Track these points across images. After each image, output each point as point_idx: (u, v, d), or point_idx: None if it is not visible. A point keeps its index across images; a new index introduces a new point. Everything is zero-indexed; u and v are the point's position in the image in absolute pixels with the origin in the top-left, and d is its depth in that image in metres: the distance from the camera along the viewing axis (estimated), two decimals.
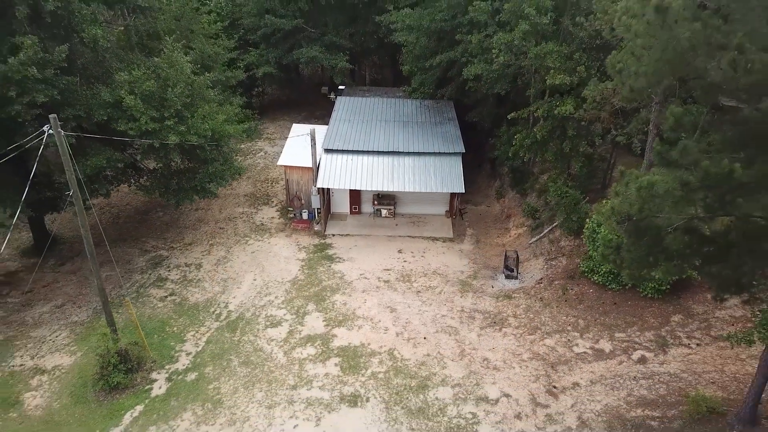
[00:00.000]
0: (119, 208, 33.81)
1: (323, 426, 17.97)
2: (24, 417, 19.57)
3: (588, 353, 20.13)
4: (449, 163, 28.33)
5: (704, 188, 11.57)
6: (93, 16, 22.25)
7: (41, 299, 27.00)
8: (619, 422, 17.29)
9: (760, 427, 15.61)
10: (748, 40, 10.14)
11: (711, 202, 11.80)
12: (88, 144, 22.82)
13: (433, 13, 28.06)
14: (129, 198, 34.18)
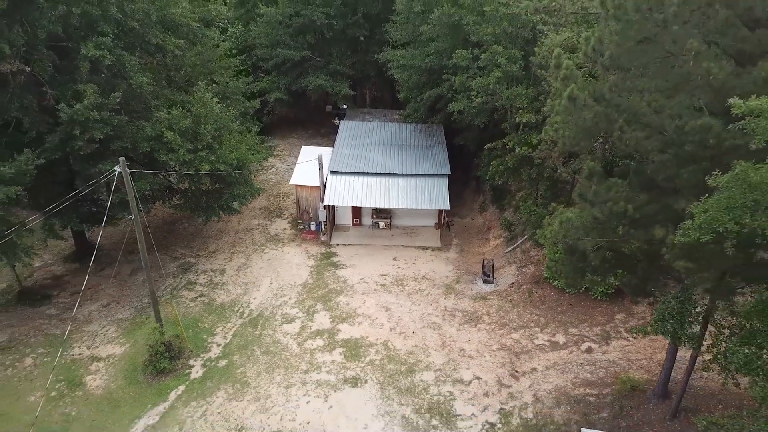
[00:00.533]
0: (149, 219, 38.17)
1: (330, 402, 22.41)
2: (88, 395, 24.04)
3: (545, 345, 24.55)
4: (437, 183, 32.81)
5: (608, 222, 15.99)
6: (139, 65, 26.72)
7: (88, 299, 31.45)
8: (564, 398, 21.72)
9: (669, 400, 20.00)
10: (628, 122, 14.57)
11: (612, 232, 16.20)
12: (135, 170, 27.27)
13: (423, 55, 32.56)
14: (156, 210, 38.57)
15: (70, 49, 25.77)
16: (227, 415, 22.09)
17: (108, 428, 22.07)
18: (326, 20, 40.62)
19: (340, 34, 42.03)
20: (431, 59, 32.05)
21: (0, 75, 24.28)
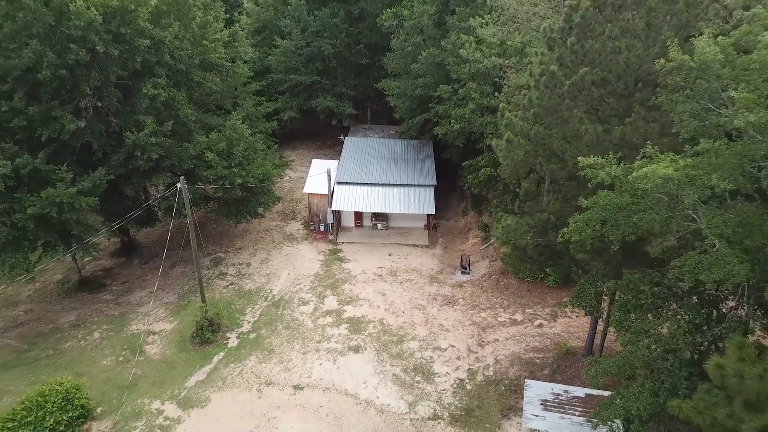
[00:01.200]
0: (182, 220, 44.75)
1: (338, 364, 28.88)
2: (148, 359, 30.55)
3: (506, 321, 31.01)
4: (425, 192, 39.27)
5: (537, 226, 22.41)
6: (186, 99, 33.20)
7: (137, 287, 38.06)
8: (517, 361, 28.16)
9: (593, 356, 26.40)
10: (546, 158, 20.99)
11: (544, 234, 22.62)
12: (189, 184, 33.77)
13: (413, 86, 39.03)
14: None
15: (131, 87, 32.29)
16: (258, 374, 28.60)
17: (167, 383, 28.57)
18: (333, 50, 47.13)
19: (344, 61, 48.52)
20: (420, 90, 38.55)
21: (78, 108, 30.86)
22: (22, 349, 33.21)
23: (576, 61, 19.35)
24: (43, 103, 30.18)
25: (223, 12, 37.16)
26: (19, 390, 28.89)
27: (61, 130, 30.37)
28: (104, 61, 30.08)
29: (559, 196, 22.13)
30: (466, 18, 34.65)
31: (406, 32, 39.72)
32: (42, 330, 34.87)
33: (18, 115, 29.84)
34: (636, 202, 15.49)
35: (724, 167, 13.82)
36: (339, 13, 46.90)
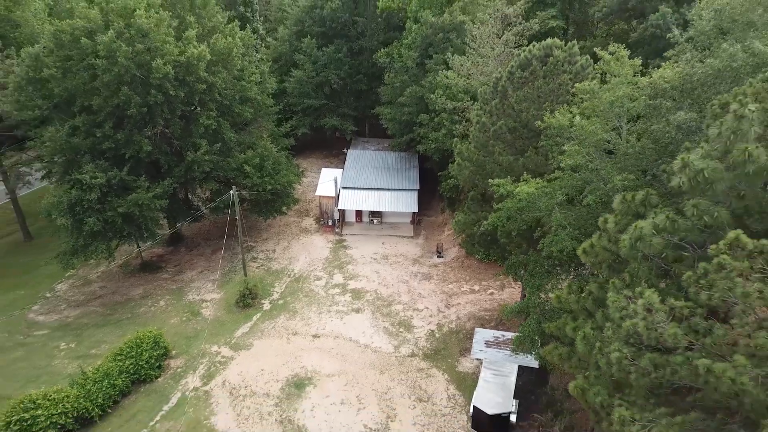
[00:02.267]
0: (221, 219, 55.33)
1: (344, 321, 39.45)
2: (205, 319, 41.13)
3: (467, 291, 41.66)
4: (410, 195, 49.88)
5: (477, 221, 32.95)
6: (228, 125, 43.76)
7: (187, 269, 48.64)
8: (473, 317, 38.80)
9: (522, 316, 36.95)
10: (483, 177, 31.58)
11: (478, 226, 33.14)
12: (227, 191, 44.38)
13: (401, 114, 49.58)
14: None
15: (190, 117, 42.85)
16: (287, 327, 39.23)
17: (221, 334, 39.15)
18: (338, 78, 57.63)
19: (347, 87, 59.02)
20: (406, 117, 49.14)
21: (151, 134, 41.45)
22: (106, 314, 43.93)
23: (497, 114, 29.95)
24: (126, 131, 40.81)
25: (255, 56, 47.67)
26: (111, 341, 39.53)
27: (139, 150, 40.93)
28: (173, 100, 40.63)
29: (487, 202, 32.71)
30: (440, 62, 45.20)
31: (396, 71, 50.36)
32: (118, 300, 45.58)
33: (108, 140, 40.49)
34: (521, 206, 26.09)
35: (564, 187, 24.45)
36: (342, 49, 57.43)
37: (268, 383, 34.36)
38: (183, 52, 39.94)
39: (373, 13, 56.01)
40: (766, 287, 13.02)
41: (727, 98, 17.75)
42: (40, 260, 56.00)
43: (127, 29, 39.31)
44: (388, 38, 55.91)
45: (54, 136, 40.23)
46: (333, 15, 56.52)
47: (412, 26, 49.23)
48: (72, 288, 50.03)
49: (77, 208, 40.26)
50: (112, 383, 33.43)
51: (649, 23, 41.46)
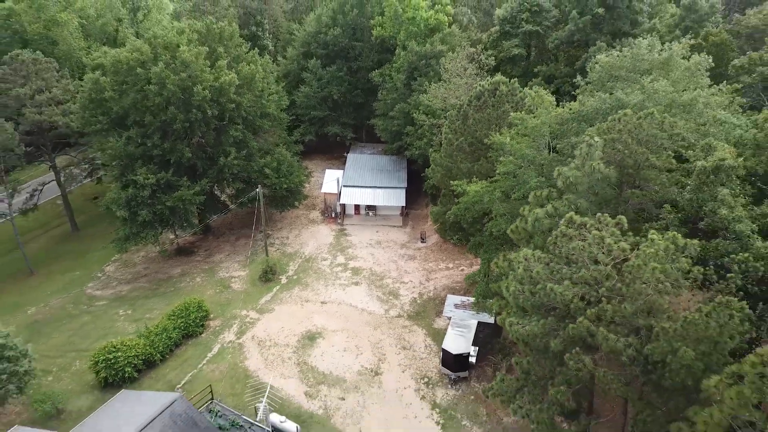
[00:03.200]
0: (244, 210, 65.12)
1: (345, 291, 49.38)
2: (233, 291, 51.01)
3: (443, 268, 51.63)
4: (399, 191, 59.79)
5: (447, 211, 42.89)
6: (251, 136, 53.54)
7: (216, 253, 58.53)
8: (447, 287, 48.76)
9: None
10: (450, 177, 41.51)
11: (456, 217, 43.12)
12: (249, 189, 54.16)
13: (392, 125, 59.39)
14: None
15: (221, 129, 52.62)
16: (300, 296, 49.13)
17: (248, 302, 49.01)
18: (339, 93, 67.34)
19: (347, 100, 68.76)
20: (395, 128, 58.97)
21: (190, 143, 51.23)
22: (153, 288, 53.81)
23: (460, 132, 39.83)
24: (170, 141, 50.61)
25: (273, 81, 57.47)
26: (160, 308, 49.36)
27: (181, 156, 50.73)
28: (208, 117, 50.40)
29: (454, 198, 42.61)
30: (423, 84, 54.99)
31: (387, 89, 60.20)
32: (161, 278, 55.45)
33: (156, 148, 50.29)
34: (473, 200, 35.98)
35: (501, 187, 34.39)
36: (343, 69, 67.19)
37: (287, 337, 44.33)
38: (217, 79, 49.73)
39: (368, 38, 65.72)
40: (585, 243, 22.94)
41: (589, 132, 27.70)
42: (89, 247, 66.10)
43: (173, 60, 49.08)
44: (382, 60, 65.69)
45: (114, 145, 50.04)
46: (335, 40, 66.19)
47: (401, 52, 59.05)
48: (118, 269, 59.93)
49: (132, 202, 50.15)
50: (169, 336, 43.38)
51: (589, 54, 51.25)
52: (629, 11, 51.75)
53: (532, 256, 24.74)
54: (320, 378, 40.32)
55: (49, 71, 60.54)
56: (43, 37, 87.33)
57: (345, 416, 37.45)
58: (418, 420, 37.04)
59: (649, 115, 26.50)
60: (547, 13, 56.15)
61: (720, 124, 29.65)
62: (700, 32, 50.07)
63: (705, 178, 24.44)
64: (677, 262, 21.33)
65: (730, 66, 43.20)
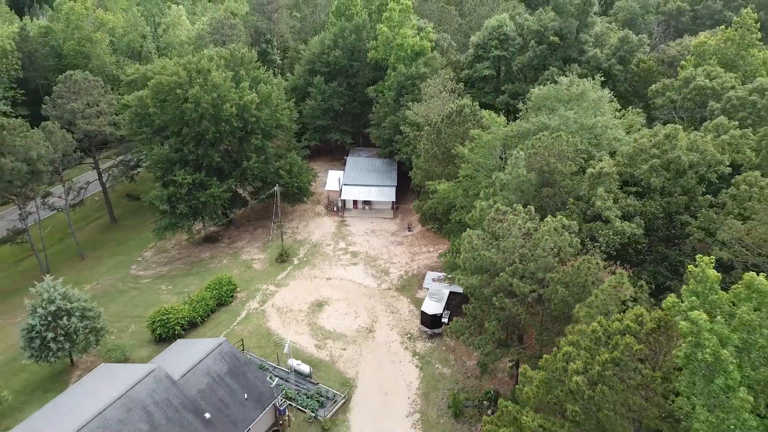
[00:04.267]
0: (256, 205, 76.33)
1: (346, 270, 60.66)
2: (254, 270, 62.29)
3: (425, 252, 62.96)
4: (390, 189, 71.06)
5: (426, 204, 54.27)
6: (269, 144, 64.75)
7: (238, 240, 69.84)
8: (427, 266, 60.02)
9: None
10: (428, 179, 52.77)
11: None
12: (266, 187, 65.35)
13: (384, 134, 70.58)
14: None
15: (243, 138, 63.79)
16: (310, 274, 60.42)
17: (268, 279, 60.27)
18: (340, 105, 78.45)
19: (346, 111, 79.86)
20: (387, 136, 70.15)
21: (218, 149, 62.43)
22: (188, 269, 65.08)
23: (435, 143, 51.06)
24: (203, 148, 61.78)
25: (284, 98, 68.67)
26: (196, 284, 60.57)
27: (211, 161, 61.91)
28: (234, 129, 61.56)
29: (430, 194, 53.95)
30: (409, 100, 66.13)
31: (380, 104, 71.37)
32: (193, 260, 66.72)
33: (191, 154, 61.49)
34: (442, 196, 47.18)
35: (462, 186, 45.68)
36: (343, 84, 78.32)
37: (300, 304, 55.63)
38: (241, 98, 60.87)
39: (364, 59, 76.81)
40: (506, 224, 34.20)
41: (520, 147, 38.99)
42: (127, 236, 77.47)
43: (206, 83, 60.20)
44: (376, 77, 76.78)
45: (158, 152, 61.21)
46: (336, 60, 77.25)
47: (391, 73, 70.18)
48: (155, 255, 71.23)
49: (172, 198, 61.32)
50: (207, 304, 54.64)
51: (544, 76, 62.47)
52: (577, 42, 62.98)
53: (474, 235, 36.05)
54: (326, 334, 51.65)
55: (96, 88, 71.62)
56: (77, 52, 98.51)
57: (346, 361, 48.76)
58: (402, 364, 48.37)
59: (558, 136, 37.71)
60: (512, 41, 67.27)
61: (615, 140, 40.77)
62: (632, 60, 61.36)
63: (592, 181, 35.70)
64: (563, 236, 32.62)
65: (648, 90, 54.42)
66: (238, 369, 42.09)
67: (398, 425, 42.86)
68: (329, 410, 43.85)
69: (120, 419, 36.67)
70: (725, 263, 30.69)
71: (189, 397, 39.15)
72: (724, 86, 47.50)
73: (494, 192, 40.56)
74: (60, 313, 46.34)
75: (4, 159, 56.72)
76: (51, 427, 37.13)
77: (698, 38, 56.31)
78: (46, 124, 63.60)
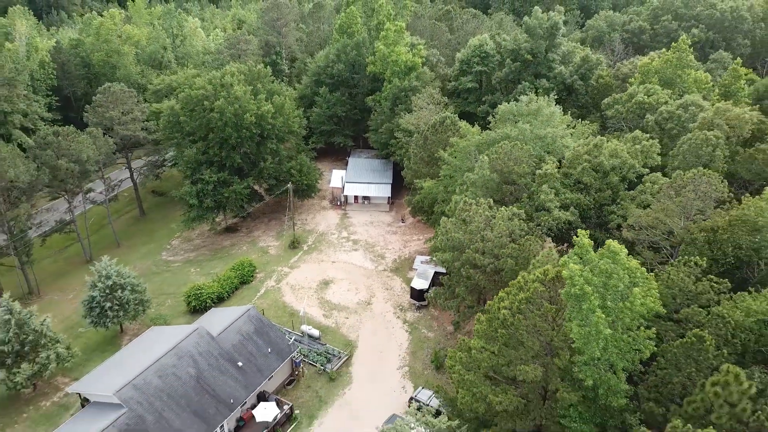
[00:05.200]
0: (269, 199, 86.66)
1: (348, 255, 71.01)
2: (270, 254, 72.72)
3: (416, 239, 73.31)
4: (387, 186, 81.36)
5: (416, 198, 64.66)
6: (282, 147, 75.16)
7: (254, 230, 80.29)
8: (417, 252, 70.45)
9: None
10: (418, 179, 63.14)
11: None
12: (279, 184, 75.77)
13: (381, 138, 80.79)
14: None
15: (260, 142, 74.07)
16: (317, 258, 70.76)
17: (282, 262, 70.63)
18: (342, 112, 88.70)
19: (348, 117, 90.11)
20: (383, 140, 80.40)
21: (239, 152, 72.81)
22: (212, 254, 75.52)
23: (422, 147, 61.33)
24: (226, 151, 72.11)
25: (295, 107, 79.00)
26: (220, 266, 70.95)
27: (233, 162, 72.26)
28: (253, 134, 71.85)
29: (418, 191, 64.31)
30: (402, 110, 76.27)
31: (377, 112, 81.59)
32: (216, 248, 77.15)
33: (216, 156, 71.86)
34: (427, 192, 57.40)
35: (444, 183, 56.01)
36: (345, 94, 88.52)
37: (309, 282, 66.00)
38: (259, 108, 71.11)
39: (364, 72, 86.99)
40: (471, 212, 44.51)
41: (486, 153, 49.34)
42: (155, 227, 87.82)
43: (228, 95, 70.44)
44: (374, 88, 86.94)
45: (188, 154, 71.52)
46: (339, 73, 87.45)
47: (387, 85, 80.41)
48: (181, 243, 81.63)
49: (200, 194, 71.64)
50: (232, 282, 65.04)
51: (518, 89, 72.65)
52: (546, 60, 73.21)
53: (449, 221, 46.41)
54: (332, 306, 62.05)
55: (130, 98, 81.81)
56: (105, 63, 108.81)
57: (348, 328, 59.18)
58: (394, 329, 58.77)
59: (515, 144, 47.97)
60: (491, 58, 77.41)
61: (564, 147, 50.89)
62: (592, 76, 71.58)
63: (539, 180, 45.99)
64: (513, 221, 42.92)
65: (602, 103, 64.60)
66: (262, 329, 52.53)
67: (391, 376, 53.23)
68: (335, 365, 54.20)
69: (173, 365, 47.11)
70: (629, 241, 40.96)
71: (225, 349, 49.59)
72: (659, 101, 57.76)
73: (466, 188, 50.86)
74: (115, 287, 56.65)
75: (61, 161, 67.00)
76: (120, 371, 47.55)
77: (643, 60, 66.47)
78: (91, 129, 73.82)
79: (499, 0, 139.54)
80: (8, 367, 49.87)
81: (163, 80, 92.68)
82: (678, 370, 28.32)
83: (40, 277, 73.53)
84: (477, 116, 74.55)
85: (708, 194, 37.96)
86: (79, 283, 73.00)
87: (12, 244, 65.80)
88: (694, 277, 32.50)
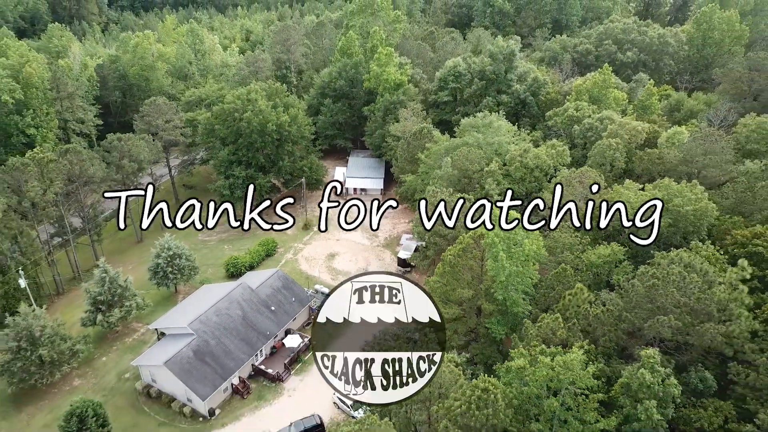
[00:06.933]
0: (284, 191, 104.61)
1: (347, 240, 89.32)
2: (288, 234, 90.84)
3: (404, 222, 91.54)
4: (379, 180, 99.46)
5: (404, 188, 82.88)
6: (296, 149, 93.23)
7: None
8: (403, 231, 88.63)
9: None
10: (408, 171, 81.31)
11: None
12: (293, 179, 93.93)
13: (376, 141, 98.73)
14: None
15: (279, 145, 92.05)
16: (325, 236, 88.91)
17: (297, 240, 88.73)
18: (343, 119, 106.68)
19: (348, 122, 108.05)
20: (377, 142, 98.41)
21: (261, 153, 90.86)
22: (241, 235, 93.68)
23: (407, 150, 79.45)
24: (251, 152, 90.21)
25: (305, 116, 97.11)
26: (249, 244, 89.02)
27: (257, 161, 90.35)
28: (273, 139, 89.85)
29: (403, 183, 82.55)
30: (392, 119, 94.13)
31: (372, 120, 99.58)
32: (244, 230, 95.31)
33: (244, 157, 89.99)
34: (410, 183, 75.48)
35: (422, 177, 74.26)
36: (345, 104, 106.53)
37: (319, 255, 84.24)
38: (278, 118, 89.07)
39: (361, 87, 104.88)
40: (437, 198, 62.76)
41: (450, 155, 67.65)
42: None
43: (254, 108, 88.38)
44: (369, 99, 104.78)
45: (222, 155, 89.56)
46: (340, 87, 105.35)
47: (380, 98, 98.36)
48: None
49: (231, 187, 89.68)
50: (260, 254, 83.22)
51: (483, 103, 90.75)
52: (506, 80, 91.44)
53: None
54: (338, 272, 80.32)
55: (171, 109, 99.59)
56: (139, 76, 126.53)
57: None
58: None
59: (471, 149, 66.03)
60: (463, 76, 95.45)
61: (507, 152, 69.00)
62: (540, 93, 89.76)
63: (486, 175, 64.15)
64: (465, 204, 61.13)
65: (546, 115, 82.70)
66: (287, 285, 70.80)
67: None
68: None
69: (226, 308, 65.35)
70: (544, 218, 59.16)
71: (261, 298, 67.86)
72: (584, 115, 76.09)
73: (436, 181, 69.08)
74: (174, 256, 74.70)
75: (124, 160, 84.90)
76: (185, 314, 65.73)
77: (577, 81, 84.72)
78: (143, 135, 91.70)
79: (480, 14, 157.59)
80: (104, 312, 67.88)
81: (193, 93, 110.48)
82: (552, 288, 46.49)
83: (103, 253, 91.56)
84: (452, 123, 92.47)
85: (585, 184, 56.29)
86: (135, 257, 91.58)
87: (87, 227, 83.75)
88: (568, 235, 50.84)
